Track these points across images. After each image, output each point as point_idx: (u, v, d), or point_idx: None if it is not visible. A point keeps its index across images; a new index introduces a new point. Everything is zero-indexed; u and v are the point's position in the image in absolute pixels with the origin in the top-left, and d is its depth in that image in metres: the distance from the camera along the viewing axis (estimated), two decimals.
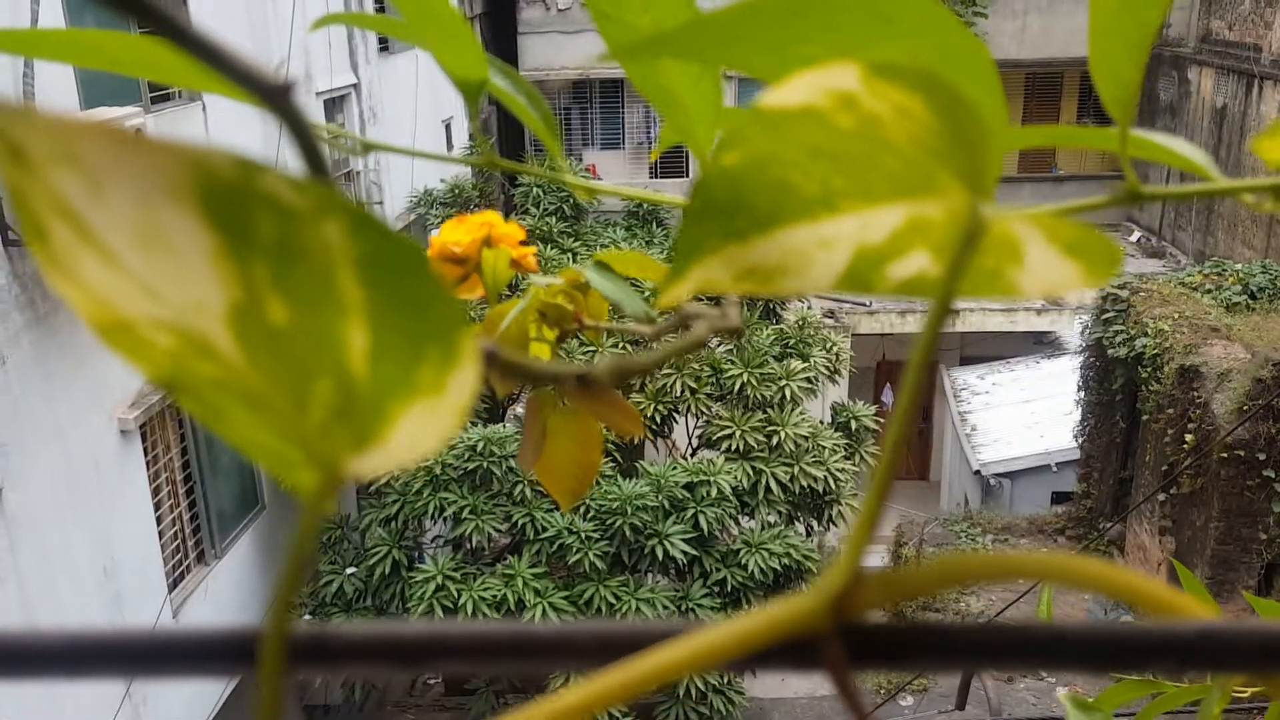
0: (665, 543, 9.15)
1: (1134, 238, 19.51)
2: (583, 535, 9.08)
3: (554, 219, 13.42)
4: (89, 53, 0.47)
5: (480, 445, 9.27)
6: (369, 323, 0.27)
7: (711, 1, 0.38)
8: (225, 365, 0.27)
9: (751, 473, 9.84)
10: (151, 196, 0.25)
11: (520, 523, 9.23)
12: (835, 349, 11.41)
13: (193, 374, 0.27)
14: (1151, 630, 0.29)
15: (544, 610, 8.76)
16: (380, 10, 13.99)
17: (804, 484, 9.89)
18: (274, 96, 0.27)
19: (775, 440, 10.00)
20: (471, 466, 9.29)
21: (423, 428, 0.28)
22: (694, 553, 9.29)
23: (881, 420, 11.48)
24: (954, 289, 0.30)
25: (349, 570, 9.82)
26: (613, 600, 8.99)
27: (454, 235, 0.64)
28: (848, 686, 0.30)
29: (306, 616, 9.62)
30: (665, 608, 9.06)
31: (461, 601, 8.74)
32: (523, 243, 0.66)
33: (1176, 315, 11.14)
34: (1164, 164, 0.52)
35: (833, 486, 9.98)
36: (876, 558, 13.12)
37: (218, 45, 0.26)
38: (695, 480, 9.47)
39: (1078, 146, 0.54)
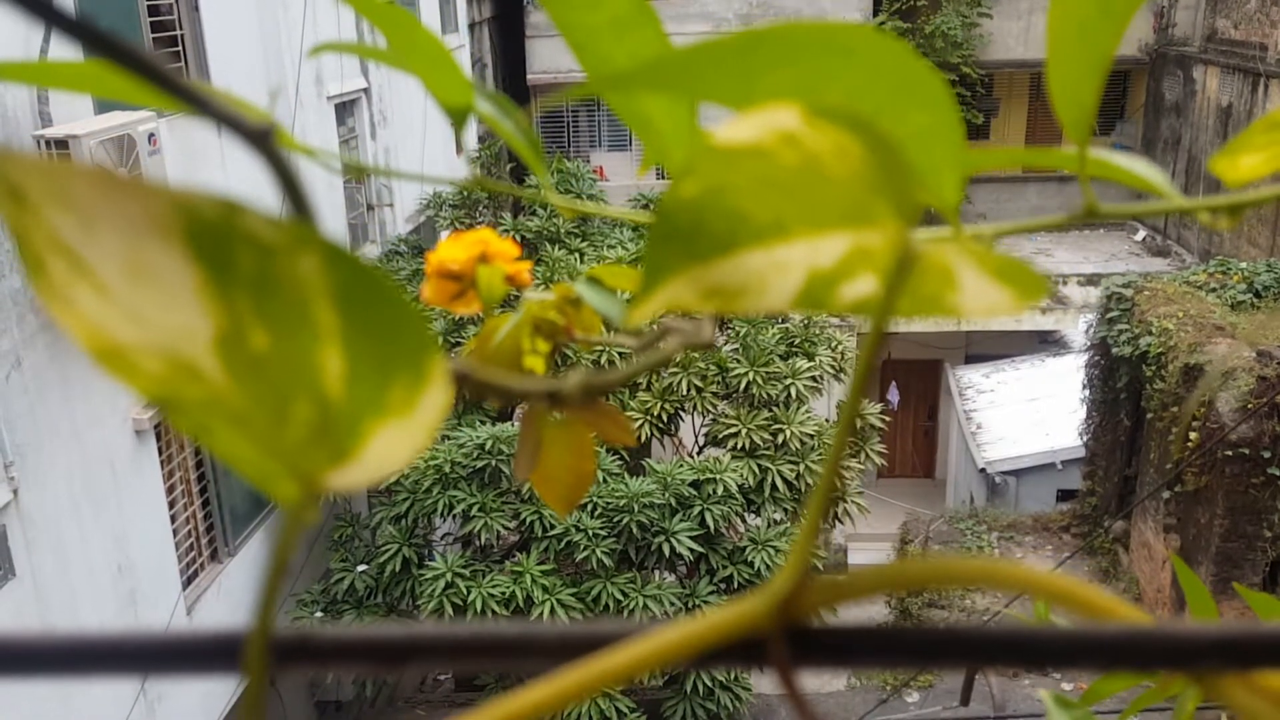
0: (672, 540, 9.17)
1: (1139, 236, 19.44)
2: (590, 533, 9.10)
3: (561, 220, 13.43)
4: (96, 83, 0.49)
5: (489, 444, 9.30)
6: (344, 348, 0.29)
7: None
8: (211, 387, 0.29)
9: (757, 470, 9.86)
10: (140, 234, 0.27)
11: (528, 520, 9.26)
12: (840, 348, 11.41)
13: (181, 395, 0.29)
14: (1077, 632, 0.31)
15: (552, 607, 8.77)
16: None
17: (809, 482, 9.91)
18: (256, 139, 0.30)
19: (781, 438, 10.02)
20: (480, 465, 9.32)
21: (395, 444, 0.30)
22: (701, 550, 9.31)
23: (886, 419, 11.48)
24: (890, 312, 0.32)
25: (360, 568, 9.85)
26: (620, 597, 9.01)
27: (450, 252, 0.66)
28: (792, 684, 0.32)
29: (318, 614, 9.64)
30: (672, 604, 9.08)
31: (471, 599, 8.76)
32: (517, 258, 0.68)
33: (1181, 314, 11.11)
34: (1124, 183, 0.54)
35: (837, 484, 9.96)
36: (882, 555, 13.12)
37: (201, 91, 0.28)
38: (702, 478, 9.49)
39: (1041, 166, 0.56)
